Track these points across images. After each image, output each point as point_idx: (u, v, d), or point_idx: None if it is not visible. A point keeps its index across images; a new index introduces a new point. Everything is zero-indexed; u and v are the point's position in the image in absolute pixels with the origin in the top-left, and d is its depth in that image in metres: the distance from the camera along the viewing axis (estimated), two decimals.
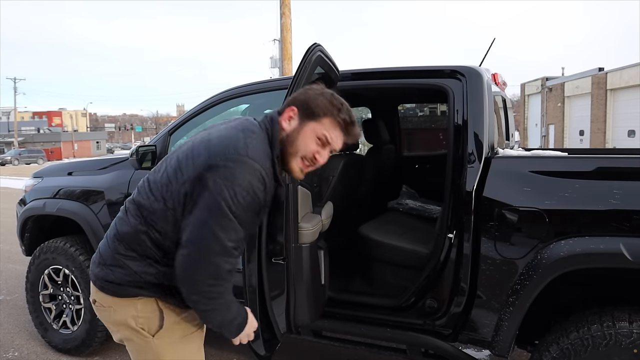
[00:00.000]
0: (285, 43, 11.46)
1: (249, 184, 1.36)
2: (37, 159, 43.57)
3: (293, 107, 1.49)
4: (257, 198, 1.40)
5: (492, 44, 2.98)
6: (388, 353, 2.49)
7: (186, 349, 1.58)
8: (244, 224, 1.39)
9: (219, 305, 1.44)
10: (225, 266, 1.39)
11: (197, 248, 1.37)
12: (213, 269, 1.38)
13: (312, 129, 1.47)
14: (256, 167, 1.38)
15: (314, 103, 1.47)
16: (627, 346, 1.82)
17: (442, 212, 2.38)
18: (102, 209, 3.17)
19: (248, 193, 1.37)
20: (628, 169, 2.01)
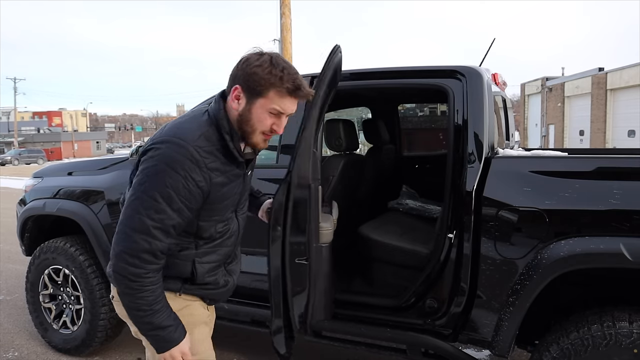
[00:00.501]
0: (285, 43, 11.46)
1: (174, 162, 1.37)
2: (37, 159, 43.56)
3: (237, 86, 1.46)
4: (187, 177, 1.38)
5: (492, 44, 2.98)
6: (388, 353, 2.48)
7: (192, 338, 1.58)
8: (174, 204, 1.38)
9: (139, 296, 1.41)
10: (143, 244, 1.37)
11: (122, 225, 1.41)
12: (130, 244, 1.38)
13: (262, 105, 1.45)
14: (183, 145, 1.38)
15: (255, 79, 1.42)
16: (627, 346, 1.82)
17: (442, 212, 2.38)
18: (102, 209, 3.17)
19: (174, 171, 1.36)
20: (628, 169, 2.01)
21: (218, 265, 1.65)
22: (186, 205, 1.41)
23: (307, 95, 1.49)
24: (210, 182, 1.45)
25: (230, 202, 1.58)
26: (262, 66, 1.42)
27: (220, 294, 1.71)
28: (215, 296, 1.71)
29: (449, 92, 2.37)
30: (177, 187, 1.37)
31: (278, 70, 1.42)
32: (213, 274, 1.64)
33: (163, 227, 1.39)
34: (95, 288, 3.24)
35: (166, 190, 1.37)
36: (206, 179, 1.43)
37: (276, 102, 1.45)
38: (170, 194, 1.37)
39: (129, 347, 3.61)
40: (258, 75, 1.42)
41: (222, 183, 1.49)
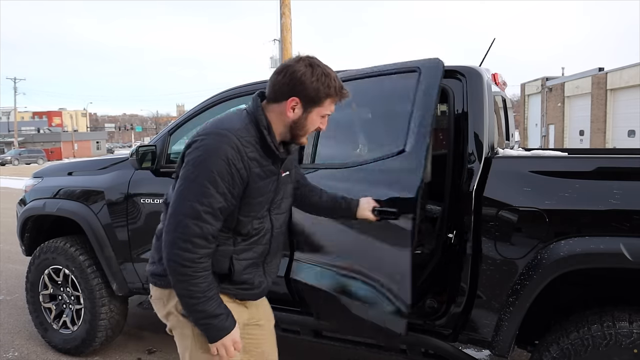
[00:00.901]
0: (285, 43, 11.46)
1: (218, 149, 1.49)
2: (37, 159, 43.56)
3: (294, 98, 1.58)
4: (230, 163, 1.49)
5: (492, 44, 2.98)
6: (388, 353, 2.48)
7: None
8: (219, 187, 1.48)
9: (194, 282, 1.49)
10: (195, 229, 1.47)
11: (173, 214, 1.51)
12: (182, 230, 1.48)
13: (317, 112, 1.63)
14: (225, 134, 1.51)
15: (315, 92, 1.58)
16: (627, 346, 1.82)
17: (442, 212, 2.38)
18: (102, 209, 3.17)
19: (219, 157, 1.48)
20: (628, 169, 2.01)
21: (255, 263, 1.71)
22: (229, 190, 1.51)
23: (347, 97, 1.67)
24: (249, 171, 1.55)
25: (264, 199, 1.65)
26: (318, 79, 1.57)
27: (255, 294, 1.76)
28: (249, 297, 1.75)
29: (449, 92, 2.37)
30: (221, 172, 1.48)
31: (331, 80, 1.60)
32: (249, 272, 1.69)
33: (212, 211, 1.49)
34: (95, 288, 3.24)
35: (212, 176, 1.47)
36: (246, 167, 1.53)
37: (328, 107, 1.64)
38: (215, 178, 1.48)
39: (129, 347, 3.61)
40: (316, 87, 1.57)
41: (259, 175, 1.59)
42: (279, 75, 1.60)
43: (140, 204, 3.02)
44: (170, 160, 3.07)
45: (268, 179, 1.63)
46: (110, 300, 3.29)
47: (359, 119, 2.61)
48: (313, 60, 1.60)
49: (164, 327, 1.78)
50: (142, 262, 3.08)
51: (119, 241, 3.13)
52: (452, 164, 2.28)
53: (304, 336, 2.62)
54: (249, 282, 1.70)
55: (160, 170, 3.01)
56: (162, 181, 2.98)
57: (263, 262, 1.75)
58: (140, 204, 3.02)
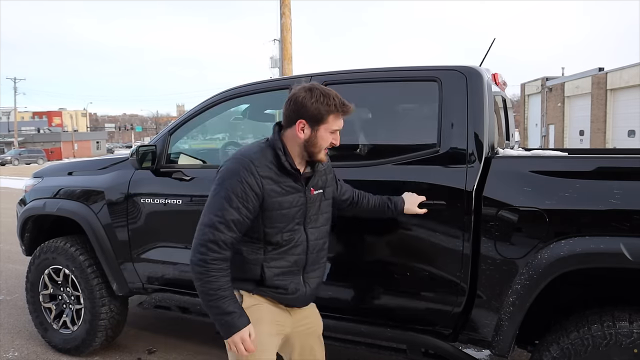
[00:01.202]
0: (285, 43, 11.46)
1: (234, 171, 1.78)
2: (37, 159, 43.57)
3: (301, 120, 1.81)
4: (243, 181, 1.75)
5: (492, 44, 2.98)
6: (388, 353, 2.48)
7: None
8: (233, 202, 1.74)
9: (206, 280, 1.72)
10: (209, 235, 1.73)
11: (199, 224, 1.79)
12: (200, 236, 1.75)
13: (325, 129, 1.83)
14: (241, 159, 1.80)
15: (316, 111, 1.80)
16: (627, 346, 1.82)
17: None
18: (102, 209, 3.17)
19: (234, 177, 1.76)
20: (628, 169, 2.01)
21: (290, 271, 1.90)
22: (243, 205, 1.75)
23: (351, 111, 1.86)
24: (262, 187, 1.78)
25: (290, 213, 1.85)
26: (317, 100, 1.79)
27: (291, 299, 1.93)
28: (288, 301, 1.94)
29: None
30: (235, 190, 1.75)
31: (330, 99, 1.81)
32: (282, 279, 1.88)
33: (225, 222, 1.73)
34: (95, 288, 3.24)
35: (227, 193, 1.75)
36: (259, 184, 1.77)
37: (334, 123, 1.84)
38: (229, 195, 1.75)
39: (129, 347, 3.61)
40: (317, 107, 1.79)
41: (275, 191, 1.81)
42: (286, 105, 1.84)
43: (141, 204, 3.02)
44: (170, 160, 3.07)
45: (290, 195, 1.85)
46: (110, 300, 3.29)
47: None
48: (312, 85, 1.84)
49: (164, 327, 1.80)
50: (142, 262, 3.08)
51: (119, 241, 3.13)
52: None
53: None
54: (282, 287, 1.89)
55: (161, 170, 3.01)
56: (162, 181, 2.98)
57: (303, 271, 1.94)
58: (140, 204, 3.02)
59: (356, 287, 2.51)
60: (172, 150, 3.09)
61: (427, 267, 2.27)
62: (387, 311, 2.43)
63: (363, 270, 2.47)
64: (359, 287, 2.50)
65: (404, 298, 2.39)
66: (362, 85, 2.63)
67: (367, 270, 2.46)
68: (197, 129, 3.27)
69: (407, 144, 2.50)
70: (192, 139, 3.62)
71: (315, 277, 2.00)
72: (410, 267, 2.31)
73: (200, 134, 4.15)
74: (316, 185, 1.95)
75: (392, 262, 2.36)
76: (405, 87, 2.57)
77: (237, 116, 3.44)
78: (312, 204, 1.93)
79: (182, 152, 3.17)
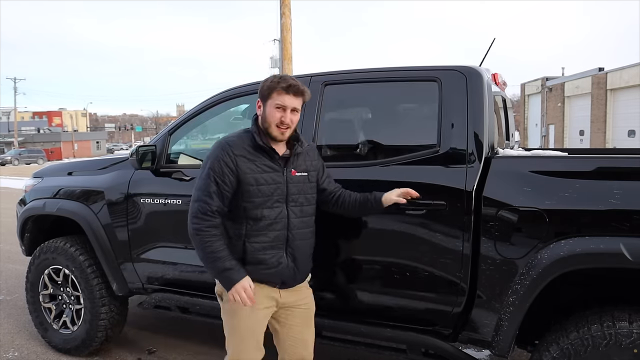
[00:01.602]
0: (285, 43, 11.45)
1: (214, 153, 2.08)
2: (37, 159, 43.55)
3: (258, 99, 2.15)
4: (220, 159, 2.05)
5: (492, 44, 2.98)
6: (388, 353, 2.48)
7: (234, 314, 2.14)
8: (211, 177, 2.04)
9: (202, 247, 2.01)
10: (198, 208, 2.04)
11: (190, 201, 2.10)
12: (192, 210, 2.06)
13: (270, 105, 2.09)
14: (221, 142, 2.11)
15: (263, 88, 2.11)
16: (627, 346, 1.82)
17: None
18: (102, 209, 3.17)
19: (214, 157, 2.07)
20: (628, 169, 2.01)
21: (270, 246, 2.09)
22: (221, 180, 2.04)
23: (299, 91, 2.09)
24: (237, 164, 2.05)
25: (267, 189, 2.08)
26: (267, 79, 2.12)
27: (276, 273, 2.12)
28: (271, 277, 2.12)
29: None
30: (213, 167, 2.05)
31: (277, 78, 2.10)
32: (262, 254, 2.09)
33: (208, 194, 2.03)
34: (95, 288, 3.24)
35: (208, 171, 2.06)
36: (233, 161, 2.05)
37: (278, 98, 2.07)
38: (209, 173, 2.05)
39: (129, 347, 3.61)
40: (265, 85, 2.11)
41: (250, 168, 2.06)
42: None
43: (140, 204, 3.02)
44: (170, 160, 3.07)
45: (267, 174, 2.08)
46: (110, 300, 3.29)
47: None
48: (278, 74, 2.16)
49: (164, 327, 1.80)
50: (142, 262, 3.08)
51: (119, 241, 3.13)
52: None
53: None
54: (263, 262, 2.09)
55: (160, 170, 3.01)
56: (162, 181, 2.98)
57: (285, 247, 2.12)
58: (140, 204, 3.02)
59: (356, 287, 2.50)
60: (172, 150, 3.09)
61: (427, 267, 2.27)
62: (387, 311, 2.43)
63: (363, 270, 2.47)
64: (359, 287, 2.49)
65: (404, 298, 2.39)
66: (362, 85, 2.63)
67: (367, 270, 2.46)
68: (197, 129, 3.27)
69: (407, 144, 2.50)
70: (192, 139, 3.62)
71: (301, 253, 2.16)
72: (410, 267, 2.31)
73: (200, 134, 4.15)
74: (298, 167, 2.16)
75: (392, 262, 2.36)
76: (405, 87, 2.57)
77: (237, 116, 3.43)
78: (294, 184, 2.13)
79: (182, 152, 3.17)
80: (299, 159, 2.17)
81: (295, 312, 2.23)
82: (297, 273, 2.17)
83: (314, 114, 2.58)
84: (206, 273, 2.44)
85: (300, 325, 2.25)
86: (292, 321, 2.24)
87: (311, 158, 2.23)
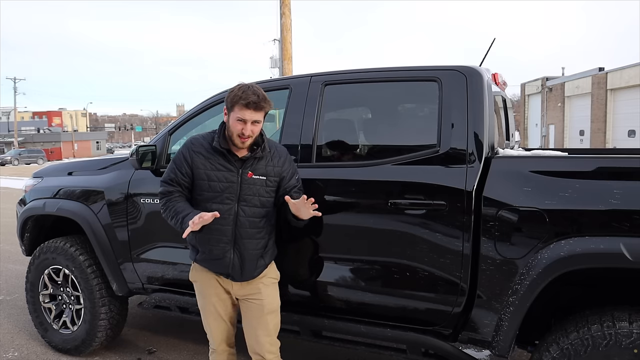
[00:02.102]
0: (285, 43, 11.46)
1: (181, 149, 2.34)
2: (37, 159, 43.55)
3: (225, 107, 2.27)
4: (181, 153, 2.32)
5: (492, 44, 2.98)
6: (388, 353, 2.48)
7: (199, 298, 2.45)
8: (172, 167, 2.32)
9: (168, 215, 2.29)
10: (161, 189, 2.34)
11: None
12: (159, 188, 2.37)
13: (233, 117, 2.21)
14: (188, 140, 2.35)
15: (228, 99, 2.22)
16: (627, 346, 1.82)
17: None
18: (102, 209, 3.17)
19: (179, 152, 2.34)
20: (628, 169, 2.01)
21: (216, 238, 2.26)
22: (178, 168, 2.30)
23: (259, 107, 2.18)
24: (192, 159, 2.27)
25: (217, 186, 2.24)
26: (233, 90, 2.23)
27: (220, 264, 2.29)
28: (217, 267, 2.31)
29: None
30: (175, 160, 2.33)
31: (240, 91, 2.19)
32: (208, 244, 2.27)
33: (169, 179, 2.33)
34: (95, 288, 3.24)
35: (172, 162, 2.35)
36: (191, 156, 2.28)
37: (239, 112, 2.18)
38: (172, 163, 2.34)
39: (129, 347, 3.61)
40: (230, 96, 2.22)
41: (204, 164, 2.26)
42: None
43: (140, 204, 3.02)
44: (170, 160, 3.06)
45: (220, 172, 2.24)
46: (110, 300, 3.29)
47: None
48: (245, 83, 2.25)
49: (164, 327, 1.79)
50: (142, 262, 3.08)
51: (119, 241, 3.13)
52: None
53: (304, 336, 2.62)
54: (208, 251, 2.28)
55: (161, 170, 3.01)
56: None
57: (233, 243, 2.26)
58: (140, 204, 3.02)
59: (356, 287, 2.50)
60: (172, 150, 3.08)
61: (427, 267, 2.27)
62: (387, 311, 2.43)
63: (363, 270, 2.47)
64: (359, 287, 2.49)
65: (404, 298, 2.38)
66: (362, 85, 2.63)
67: (367, 270, 2.46)
68: (197, 129, 3.27)
69: (407, 144, 2.50)
70: None
71: (249, 250, 2.28)
72: (410, 267, 2.31)
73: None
74: (256, 170, 2.27)
75: (392, 262, 2.36)
76: (405, 87, 2.57)
77: None
78: (247, 185, 2.26)
79: None
80: (259, 163, 2.27)
81: (248, 304, 2.37)
82: (243, 270, 2.29)
83: (314, 114, 2.58)
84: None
85: (252, 318, 2.36)
86: (247, 313, 2.38)
87: (275, 164, 2.31)
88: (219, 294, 2.38)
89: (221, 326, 2.42)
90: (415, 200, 2.28)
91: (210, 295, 2.39)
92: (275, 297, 2.40)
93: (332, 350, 3.32)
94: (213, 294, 2.38)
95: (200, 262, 2.36)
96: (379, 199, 2.36)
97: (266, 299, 2.35)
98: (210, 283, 2.37)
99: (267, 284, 2.37)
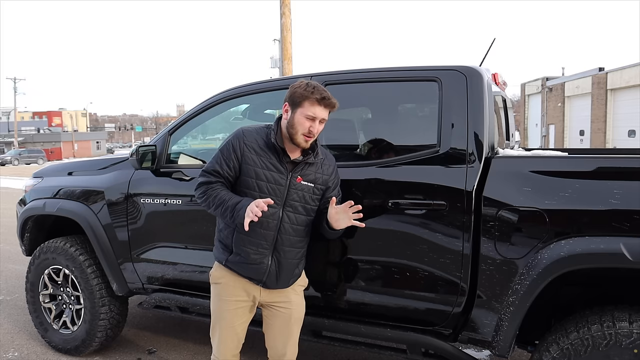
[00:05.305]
0: (285, 43, 11.45)
1: (230, 139, 2.19)
2: (37, 159, 43.56)
3: (285, 103, 2.14)
4: (230, 143, 2.16)
5: (492, 44, 2.98)
6: (388, 353, 2.48)
7: (215, 300, 2.29)
8: (218, 159, 2.16)
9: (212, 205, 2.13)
10: (202, 179, 2.20)
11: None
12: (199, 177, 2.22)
13: (300, 113, 2.09)
14: (239, 131, 2.20)
15: (295, 95, 2.10)
16: (627, 346, 1.82)
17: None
18: (102, 209, 3.17)
19: (228, 142, 2.18)
20: (628, 169, 2.01)
21: (257, 243, 2.13)
22: (225, 161, 2.15)
23: (331, 104, 2.09)
24: (242, 152, 2.14)
25: (264, 186, 2.11)
26: (300, 86, 2.10)
27: (255, 270, 2.17)
28: (251, 272, 2.17)
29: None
30: (223, 150, 2.18)
31: (310, 87, 2.08)
32: (246, 247, 2.14)
33: (213, 170, 2.17)
34: (95, 288, 3.24)
35: (219, 152, 2.19)
36: (241, 148, 2.14)
37: (309, 109, 2.07)
38: (219, 154, 2.18)
39: (129, 347, 3.61)
40: (297, 92, 2.09)
41: (254, 160, 2.13)
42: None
43: (141, 204, 3.02)
44: (170, 160, 3.06)
45: (269, 172, 2.12)
46: (110, 300, 3.29)
47: None
48: (310, 81, 2.13)
49: (164, 327, 1.79)
50: (142, 262, 3.08)
51: (119, 241, 3.13)
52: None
53: (304, 336, 2.62)
54: (247, 256, 2.15)
55: (161, 170, 3.01)
56: (162, 181, 2.98)
57: (273, 249, 2.15)
58: (140, 204, 3.02)
59: (356, 287, 2.50)
60: (172, 150, 3.09)
61: (427, 267, 2.27)
62: (387, 311, 2.43)
63: (363, 270, 2.47)
64: (359, 287, 2.49)
65: (404, 298, 2.38)
66: (362, 85, 2.63)
67: (367, 270, 2.46)
68: (197, 129, 3.27)
69: (407, 144, 2.50)
70: (192, 138, 3.63)
71: (288, 258, 2.18)
72: (410, 267, 2.31)
73: (200, 134, 4.15)
74: (306, 176, 2.16)
75: (392, 262, 2.36)
76: (405, 87, 2.57)
77: (237, 116, 3.43)
78: (296, 190, 2.14)
79: (182, 152, 3.17)
80: (309, 168, 2.17)
81: (274, 312, 2.27)
82: (279, 278, 2.20)
83: None
84: (206, 273, 2.44)
85: (278, 327, 2.27)
86: (272, 320, 2.29)
87: (324, 172, 2.22)
88: (239, 301, 2.24)
89: (231, 336, 2.26)
90: (415, 200, 2.28)
91: (230, 302, 2.24)
92: (303, 305, 2.34)
93: (332, 350, 3.32)
94: (234, 300, 2.24)
95: (231, 264, 2.19)
96: (379, 198, 2.36)
97: (295, 308, 2.28)
98: (235, 287, 2.22)
99: (298, 292, 2.31)
